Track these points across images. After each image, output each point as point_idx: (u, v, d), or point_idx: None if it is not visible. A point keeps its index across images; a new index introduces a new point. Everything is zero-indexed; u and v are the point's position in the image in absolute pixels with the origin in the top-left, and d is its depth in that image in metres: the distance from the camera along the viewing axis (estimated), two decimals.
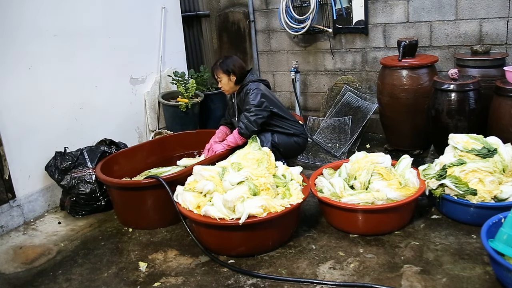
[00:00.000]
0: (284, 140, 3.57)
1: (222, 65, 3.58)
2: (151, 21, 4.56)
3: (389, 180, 2.93)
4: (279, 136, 3.55)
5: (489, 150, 2.95)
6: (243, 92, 3.56)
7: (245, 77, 3.60)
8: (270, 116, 3.52)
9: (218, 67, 3.60)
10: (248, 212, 2.57)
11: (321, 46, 4.88)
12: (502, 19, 3.90)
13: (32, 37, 3.44)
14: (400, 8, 4.33)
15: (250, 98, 3.47)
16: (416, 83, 3.90)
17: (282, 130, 3.57)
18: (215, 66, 3.63)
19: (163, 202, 3.04)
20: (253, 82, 3.56)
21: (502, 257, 2.21)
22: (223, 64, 3.58)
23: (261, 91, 3.50)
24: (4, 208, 3.30)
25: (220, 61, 3.63)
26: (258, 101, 3.45)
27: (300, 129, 3.70)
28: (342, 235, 2.88)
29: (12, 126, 3.33)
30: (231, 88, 3.63)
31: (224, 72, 3.57)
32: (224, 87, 3.64)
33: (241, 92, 3.59)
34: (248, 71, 3.66)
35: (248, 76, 3.61)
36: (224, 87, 3.64)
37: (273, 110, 3.52)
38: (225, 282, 2.52)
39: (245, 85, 3.57)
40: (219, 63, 3.61)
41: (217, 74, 3.61)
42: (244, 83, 3.59)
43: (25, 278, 2.74)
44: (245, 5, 5.22)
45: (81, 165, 3.51)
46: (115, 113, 4.19)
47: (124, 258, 2.87)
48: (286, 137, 3.58)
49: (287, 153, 3.62)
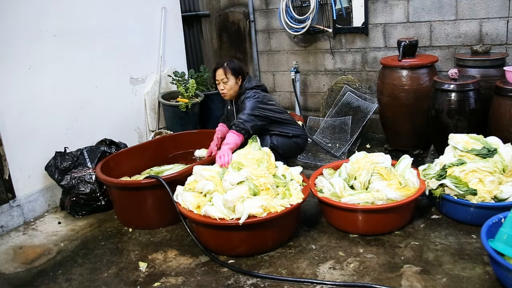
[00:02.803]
0: (283, 141, 3.51)
1: (230, 65, 3.43)
2: (151, 21, 4.56)
3: (389, 180, 2.93)
4: (277, 138, 3.49)
5: (489, 150, 2.95)
6: (241, 100, 3.45)
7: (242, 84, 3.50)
8: (267, 122, 3.42)
9: (227, 67, 3.42)
10: (248, 212, 2.57)
11: (321, 46, 4.88)
12: (502, 19, 3.90)
13: (32, 37, 3.44)
14: (400, 8, 4.34)
15: (246, 106, 3.35)
16: (416, 83, 3.90)
17: (281, 133, 3.50)
18: (223, 66, 3.44)
19: (163, 202, 3.04)
20: (250, 90, 3.45)
21: (502, 257, 2.21)
22: (232, 64, 3.43)
23: (258, 99, 3.39)
24: (4, 208, 3.30)
25: (226, 62, 3.47)
26: (254, 109, 3.33)
27: (300, 130, 3.65)
28: (342, 235, 2.88)
29: (12, 126, 3.33)
30: (235, 92, 3.48)
31: (233, 73, 3.42)
32: (228, 91, 3.46)
33: (239, 100, 3.49)
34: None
35: (245, 83, 3.49)
36: (228, 90, 3.46)
37: (271, 117, 3.42)
38: (225, 282, 2.52)
39: (243, 93, 3.46)
40: (227, 63, 3.45)
41: (225, 75, 3.42)
42: (241, 91, 3.48)
43: (25, 278, 2.74)
44: (245, 5, 5.22)
45: (81, 165, 3.51)
46: (115, 113, 4.19)
47: (124, 258, 2.87)
48: (285, 138, 3.52)
49: (286, 154, 3.56)
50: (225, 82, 3.45)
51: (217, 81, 3.50)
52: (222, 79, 3.45)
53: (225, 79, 3.44)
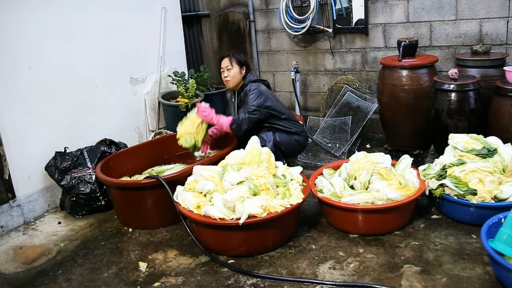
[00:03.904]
0: (285, 138, 3.56)
1: (236, 55, 3.59)
2: (151, 21, 4.56)
3: (389, 180, 2.92)
4: (280, 134, 3.54)
5: (489, 150, 2.95)
6: (244, 92, 3.55)
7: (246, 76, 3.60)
8: (270, 116, 3.51)
9: (232, 56, 3.57)
10: (248, 212, 2.57)
11: (321, 46, 4.88)
12: (502, 19, 3.90)
13: (32, 37, 3.44)
14: (400, 8, 4.33)
15: (249, 98, 3.46)
16: (416, 83, 3.90)
17: (283, 128, 3.57)
18: (228, 56, 3.59)
19: (163, 202, 3.04)
20: (254, 83, 3.55)
21: (502, 257, 2.21)
22: (237, 55, 3.59)
23: (261, 92, 3.49)
24: (4, 208, 3.30)
25: (232, 52, 3.63)
26: (258, 101, 3.44)
27: (301, 127, 3.70)
28: (342, 235, 2.88)
29: (12, 126, 3.33)
30: (237, 81, 3.58)
31: (237, 62, 3.55)
32: (231, 79, 3.57)
33: (241, 92, 3.58)
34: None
35: (248, 76, 3.60)
36: (231, 79, 3.57)
37: (272, 112, 3.51)
38: (225, 282, 2.52)
39: (246, 84, 3.56)
40: (233, 53, 3.61)
41: (230, 62, 3.55)
42: (244, 83, 3.58)
43: (25, 278, 2.74)
44: (245, 5, 5.22)
45: (81, 165, 3.51)
46: (115, 113, 4.19)
47: (124, 258, 2.87)
48: (287, 135, 3.58)
49: (288, 151, 3.61)
50: (229, 70, 3.57)
51: (222, 69, 3.62)
52: (227, 66, 3.57)
53: (229, 66, 3.56)
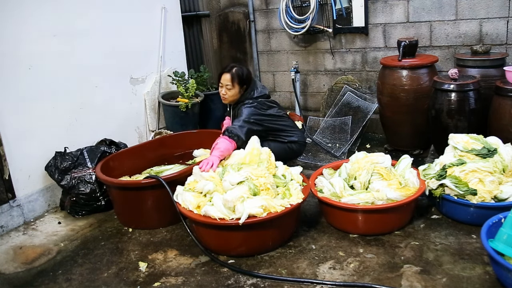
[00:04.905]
0: (276, 146, 3.40)
1: (239, 72, 3.38)
2: (151, 21, 4.56)
3: (389, 180, 2.93)
4: (270, 143, 3.35)
5: (489, 150, 2.95)
6: (238, 106, 3.42)
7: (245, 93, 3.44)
8: (263, 129, 3.36)
9: (235, 74, 3.37)
10: (248, 212, 2.57)
11: (321, 46, 4.88)
12: (502, 19, 3.90)
13: (32, 37, 3.44)
14: (400, 8, 4.33)
15: (243, 112, 3.31)
16: (416, 83, 3.90)
17: (275, 139, 3.45)
18: (231, 72, 3.38)
19: (163, 202, 3.04)
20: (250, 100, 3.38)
21: (502, 257, 2.21)
22: (240, 72, 3.39)
23: (255, 107, 3.33)
24: (4, 208, 3.30)
25: (236, 68, 3.41)
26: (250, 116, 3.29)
27: (297, 136, 3.57)
28: (342, 235, 2.88)
29: (12, 126, 3.33)
30: (234, 99, 3.45)
31: (239, 82, 3.38)
32: (229, 97, 3.44)
33: (236, 107, 3.46)
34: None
35: (248, 92, 3.43)
36: (229, 97, 3.43)
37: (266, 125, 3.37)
38: (225, 282, 2.52)
39: (242, 101, 3.41)
40: (236, 69, 3.39)
41: (232, 82, 3.37)
42: (241, 99, 3.43)
43: (25, 278, 2.74)
44: (245, 5, 5.22)
45: (81, 165, 3.51)
46: (115, 113, 4.19)
47: (124, 258, 2.87)
48: (280, 144, 3.46)
49: (279, 158, 3.31)
50: (228, 89, 3.41)
51: (221, 84, 3.46)
52: (227, 85, 3.41)
53: (229, 86, 3.40)
